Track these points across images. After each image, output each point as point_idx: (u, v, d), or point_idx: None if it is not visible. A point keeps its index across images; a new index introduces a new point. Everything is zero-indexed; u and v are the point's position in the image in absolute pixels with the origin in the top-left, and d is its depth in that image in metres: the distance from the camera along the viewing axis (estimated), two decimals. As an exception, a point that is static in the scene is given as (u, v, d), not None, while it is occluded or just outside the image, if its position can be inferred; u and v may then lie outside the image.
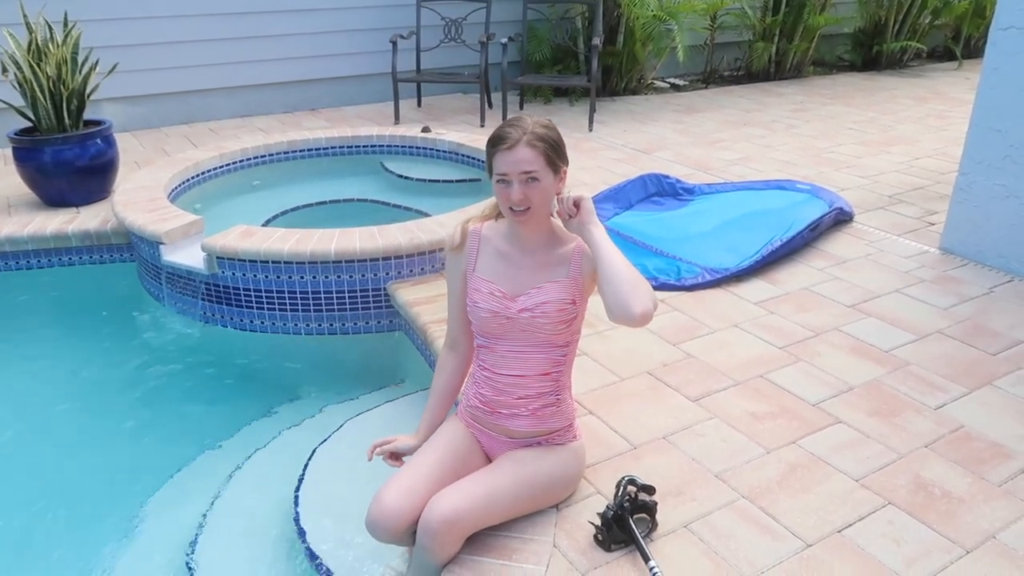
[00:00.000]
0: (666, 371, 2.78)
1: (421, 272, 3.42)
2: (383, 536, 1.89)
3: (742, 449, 2.36)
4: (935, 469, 2.28)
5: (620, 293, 1.80)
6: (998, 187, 3.58)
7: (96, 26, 5.26)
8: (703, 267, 3.55)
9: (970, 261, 3.70)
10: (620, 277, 1.81)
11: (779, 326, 3.11)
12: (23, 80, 4.19)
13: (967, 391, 2.67)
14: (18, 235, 3.87)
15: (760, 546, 1.98)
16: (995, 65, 3.52)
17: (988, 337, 3.02)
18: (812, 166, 5.23)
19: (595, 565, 1.92)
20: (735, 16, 8.00)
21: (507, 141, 1.85)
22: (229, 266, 3.35)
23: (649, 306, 1.80)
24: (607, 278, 1.82)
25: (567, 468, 2.08)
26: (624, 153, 5.55)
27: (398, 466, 2.06)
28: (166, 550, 2.37)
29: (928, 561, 1.94)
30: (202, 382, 3.29)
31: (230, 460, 2.73)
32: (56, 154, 4.26)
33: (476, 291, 2.01)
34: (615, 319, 1.82)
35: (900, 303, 3.30)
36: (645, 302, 1.79)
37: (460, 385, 2.19)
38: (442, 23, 6.71)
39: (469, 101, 7.12)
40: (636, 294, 1.79)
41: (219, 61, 6.31)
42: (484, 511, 1.90)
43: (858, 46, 9.07)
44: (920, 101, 7.36)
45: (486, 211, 2.09)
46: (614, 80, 7.47)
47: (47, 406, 3.13)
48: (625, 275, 1.81)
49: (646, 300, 1.80)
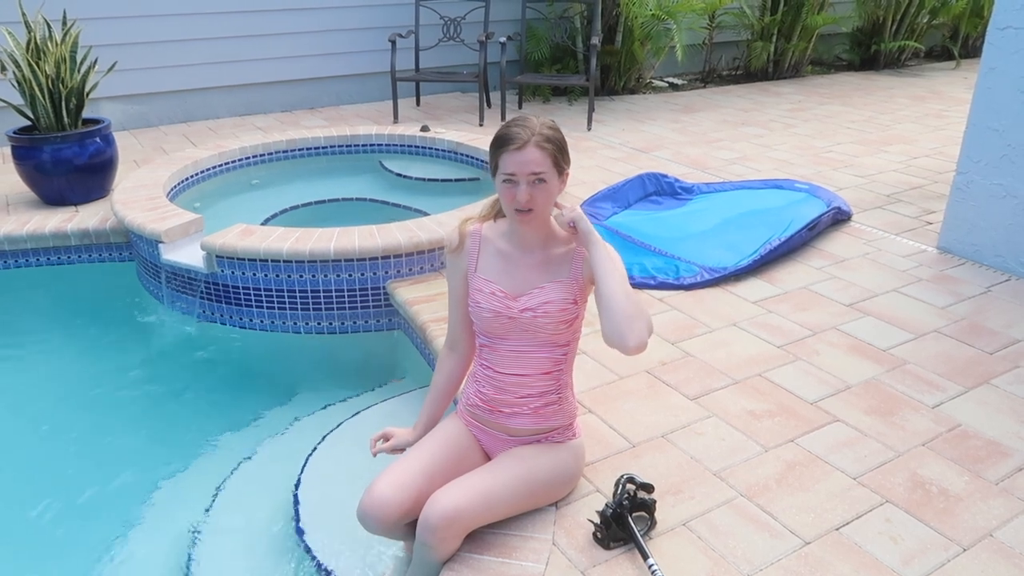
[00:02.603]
0: (665, 370, 2.79)
1: (420, 271, 3.43)
2: (373, 527, 1.89)
3: (740, 447, 2.37)
4: (932, 467, 2.29)
5: (616, 323, 1.81)
6: (996, 186, 3.59)
7: (95, 24, 5.26)
8: (701, 266, 3.55)
9: (968, 260, 3.71)
10: (618, 307, 1.81)
11: (777, 325, 3.12)
12: (22, 79, 4.18)
13: (964, 390, 2.68)
14: (17, 234, 3.87)
15: (758, 544, 1.99)
16: (992, 65, 3.53)
17: (985, 336, 3.04)
18: (810, 165, 5.24)
19: (594, 563, 1.92)
20: (733, 15, 8.01)
21: (516, 141, 1.84)
22: (228, 265, 3.35)
23: (644, 338, 1.81)
24: (604, 306, 1.84)
25: (567, 466, 2.08)
26: (622, 152, 5.55)
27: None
28: (166, 549, 2.37)
29: (925, 558, 1.95)
30: (201, 381, 3.29)
31: (229, 458, 2.74)
32: (55, 153, 4.26)
33: (478, 291, 2.01)
34: (610, 345, 1.83)
35: (898, 302, 3.31)
36: (640, 335, 1.81)
37: (459, 384, 2.20)
38: (441, 22, 6.72)
39: (468, 100, 7.12)
40: (632, 327, 1.80)
41: (218, 60, 6.31)
42: (484, 508, 1.90)
43: (856, 45, 9.08)
44: (918, 100, 7.38)
45: (484, 211, 2.08)
46: (612, 79, 7.48)
47: (46, 405, 3.13)
48: (622, 306, 1.81)
49: (642, 333, 1.81)
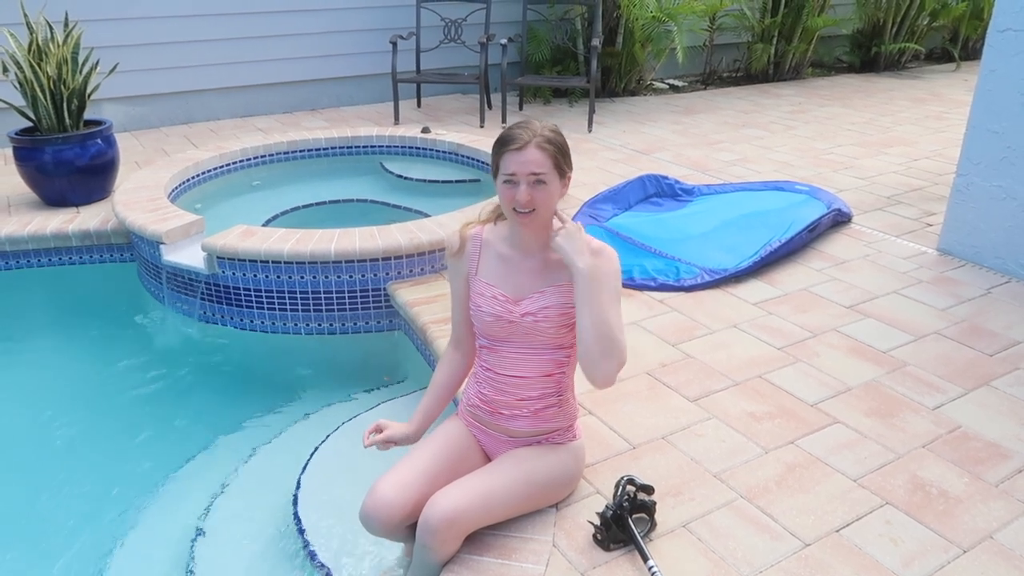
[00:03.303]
0: (665, 371, 2.79)
1: (421, 272, 3.43)
2: (376, 529, 1.89)
3: (740, 449, 2.37)
4: (933, 469, 2.29)
5: (584, 361, 1.88)
6: (996, 188, 3.59)
7: (97, 26, 5.26)
8: (702, 268, 3.56)
9: (968, 262, 3.71)
10: (585, 348, 1.87)
11: (778, 327, 3.12)
12: (24, 80, 4.19)
13: (964, 391, 2.69)
14: (18, 234, 3.88)
15: (758, 546, 1.99)
16: (993, 67, 3.53)
17: (986, 338, 3.04)
18: (810, 167, 5.24)
19: (594, 564, 1.93)
20: (734, 17, 8.02)
21: (517, 142, 1.85)
22: (229, 266, 3.35)
23: (611, 378, 1.88)
24: (578, 339, 1.89)
25: (567, 467, 2.08)
26: (623, 154, 5.56)
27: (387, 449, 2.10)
28: (166, 549, 2.37)
29: (925, 560, 1.95)
30: (202, 382, 3.29)
31: (230, 460, 2.74)
32: (56, 154, 4.26)
33: (479, 295, 2.01)
34: (583, 372, 1.91)
35: (898, 304, 3.31)
36: (607, 376, 1.87)
37: (460, 382, 2.20)
38: (442, 24, 6.72)
39: (468, 102, 7.13)
40: (597, 369, 1.87)
41: (219, 61, 6.32)
42: (484, 509, 1.91)
43: (856, 47, 9.08)
44: (918, 102, 7.38)
45: (484, 214, 2.08)
46: (613, 81, 7.49)
47: (46, 405, 3.13)
48: (589, 347, 1.86)
49: (608, 374, 1.87)
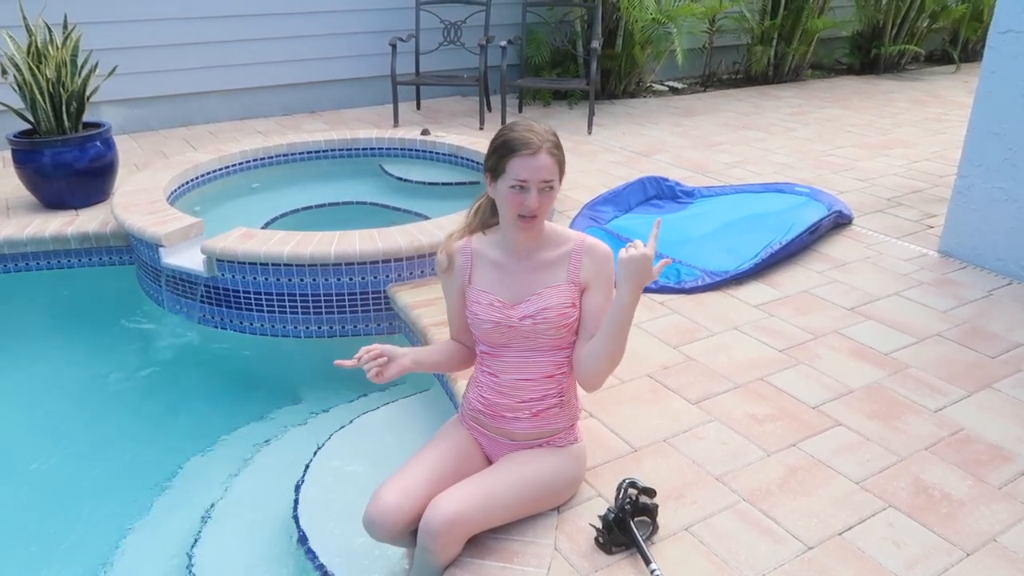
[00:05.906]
0: (666, 374, 2.78)
1: (421, 275, 3.42)
2: (380, 535, 1.88)
3: (742, 452, 2.36)
4: (935, 472, 2.28)
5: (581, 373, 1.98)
6: (997, 190, 3.59)
7: (95, 29, 5.26)
8: (702, 270, 3.55)
9: (969, 264, 3.71)
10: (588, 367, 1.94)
11: (779, 329, 3.11)
12: (23, 82, 4.18)
13: (967, 394, 2.68)
14: (17, 237, 3.87)
15: (761, 549, 1.98)
16: (993, 68, 3.53)
17: (987, 340, 3.03)
18: (811, 169, 5.24)
19: (596, 568, 1.92)
20: (734, 19, 8.02)
21: (530, 147, 1.82)
22: (229, 268, 3.35)
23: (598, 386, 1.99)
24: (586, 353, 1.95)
25: (568, 470, 2.08)
26: (623, 156, 5.55)
27: (380, 381, 1.96)
28: (167, 550, 2.37)
29: (928, 563, 1.95)
30: (202, 384, 3.28)
31: (230, 462, 2.73)
32: (55, 156, 4.25)
33: (476, 303, 2.00)
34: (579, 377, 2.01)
35: (899, 306, 3.31)
36: (596, 386, 1.99)
37: (459, 359, 2.16)
38: (441, 26, 6.72)
39: (468, 104, 7.13)
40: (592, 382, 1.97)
41: (218, 64, 6.32)
42: (485, 512, 1.90)
43: (856, 49, 9.09)
44: (918, 104, 7.38)
45: (468, 223, 2.06)
46: (613, 83, 7.48)
47: (46, 408, 3.12)
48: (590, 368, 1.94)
49: (598, 384, 1.98)
